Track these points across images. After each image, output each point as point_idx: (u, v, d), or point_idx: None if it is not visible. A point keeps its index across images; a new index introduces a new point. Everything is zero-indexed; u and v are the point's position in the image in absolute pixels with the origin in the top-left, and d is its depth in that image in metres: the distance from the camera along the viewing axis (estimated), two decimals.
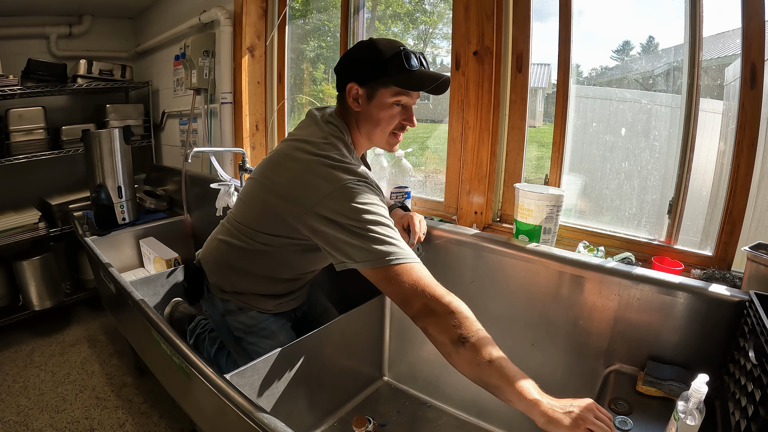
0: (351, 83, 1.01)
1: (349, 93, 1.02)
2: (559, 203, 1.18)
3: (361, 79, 1.00)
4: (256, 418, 0.79)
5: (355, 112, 1.05)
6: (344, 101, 1.05)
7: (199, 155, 2.29)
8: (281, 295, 1.26)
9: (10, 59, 2.26)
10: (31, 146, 2.24)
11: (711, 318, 0.92)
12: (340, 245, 0.93)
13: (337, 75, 1.07)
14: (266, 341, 1.22)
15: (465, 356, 0.82)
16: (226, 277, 1.21)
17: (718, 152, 1.13)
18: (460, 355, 0.83)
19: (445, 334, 0.84)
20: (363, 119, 1.05)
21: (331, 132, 1.04)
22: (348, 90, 1.02)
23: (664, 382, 0.92)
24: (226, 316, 1.23)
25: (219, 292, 1.22)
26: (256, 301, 1.23)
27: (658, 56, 1.25)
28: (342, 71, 1.05)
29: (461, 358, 0.83)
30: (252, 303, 1.23)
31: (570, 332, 1.11)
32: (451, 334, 0.83)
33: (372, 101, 1.02)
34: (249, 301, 1.22)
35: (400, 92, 1.00)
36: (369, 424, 1.23)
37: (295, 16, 2.18)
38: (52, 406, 1.72)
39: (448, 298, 0.87)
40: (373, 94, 1.01)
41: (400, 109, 1.04)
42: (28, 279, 2.15)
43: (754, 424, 0.67)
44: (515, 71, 1.39)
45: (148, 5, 2.67)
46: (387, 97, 1.01)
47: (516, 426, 1.22)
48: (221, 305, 1.23)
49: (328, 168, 0.95)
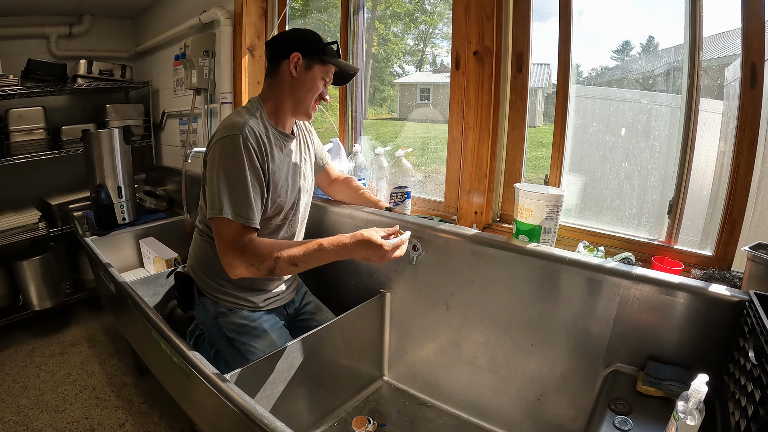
0: (296, 53, 1.16)
1: (292, 60, 1.16)
2: (559, 203, 1.18)
3: (304, 52, 1.16)
4: (256, 418, 0.79)
5: (289, 79, 1.18)
6: (278, 69, 1.19)
7: (199, 155, 2.29)
8: (266, 288, 1.29)
9: (10, 59, 2.26)
10: (31, 146, 2.24)
11: (711, 318, 0.92)
12: (208, 191, 1.09)
13: (275, 46, 1.19)
14: (258, 341, 1.23)
15: (283, 273, 1.07)
16: (210, 278, 1.25)
17: (718, 152, 1.13)
18: (279, 274, 1.07)
19: (256, 275, 1.06)
20: (297, 85, 1.19)
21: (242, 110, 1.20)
22: (291, 57, 1.16)
23: (664, 382, 0.92)
24: (218, 319, 1.25)
25: (210, 294, 1.26)
26: (244, 298, 1.26)
27: (658, 56, 1.25)
28: (285, 43, 1.18)
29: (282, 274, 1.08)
30: (240, 302, 1.26)
31: (570, 332, 1.11)
32: (261, 274, 1.05)
33: (308, 72, 1.18)
34: (237, 301, 1.25)
35: (329, 71, 1.22)
36: (369, 424, 1.23)
37: (295, 16, 2.18)
38: (52, 406, 1.72)
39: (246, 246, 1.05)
40: (311, 66, 1.18)
41: (323, 84, 1.22)
42: (28, 279, 2.15)
43: (754, 424, 0.67)
44: (515, 71, 1.39)
45: (148, 5, 2.67)
46: (320, 72, 1.19)
47: (516, 426, 1.22)
48: (213, 308, 1.26)
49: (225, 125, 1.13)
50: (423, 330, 1.39)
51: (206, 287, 1.26)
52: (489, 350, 1.26)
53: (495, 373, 1.25)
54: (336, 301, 1.54)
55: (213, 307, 1.26)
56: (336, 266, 1.59)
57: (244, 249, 1.04)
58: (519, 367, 1.21)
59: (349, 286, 1.56)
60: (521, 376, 1.20)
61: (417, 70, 2.04)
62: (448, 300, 1.32)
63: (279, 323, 1.31)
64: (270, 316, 1.30)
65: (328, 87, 1.25)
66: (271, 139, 1.17)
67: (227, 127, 1.10)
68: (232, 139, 1.07)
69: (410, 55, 2.07)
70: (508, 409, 1.23)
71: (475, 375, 1.29)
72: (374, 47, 2.03)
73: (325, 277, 1.63)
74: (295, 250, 1.05)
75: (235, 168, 1.06)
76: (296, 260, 1.05)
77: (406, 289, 1.41)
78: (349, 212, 1.52)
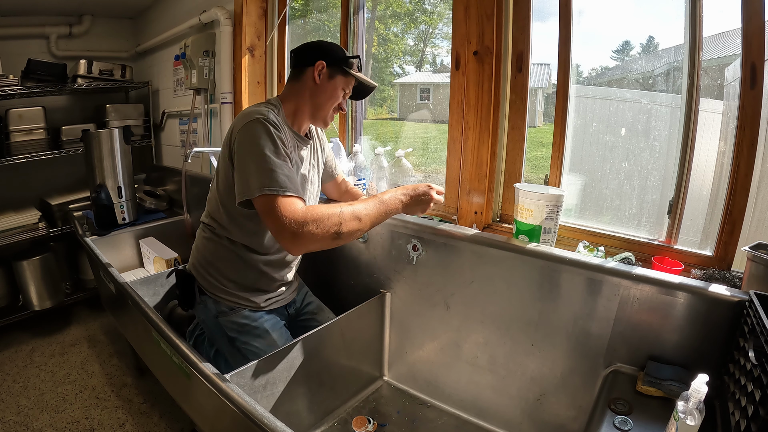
0: (321, 61, 1.20)
1: (317, 68, 1.20)
2: (559, 203, 1.18)
3: (329, 62, 1.21)
4: (256, 418, 0.79)
5: (311, 86, 1.22)
6: (301, 75, 1.22)
7: (199, 155, 2.29)
8: (268, 289, 1.29)
9: (10, 59, 2.26)
10: (31, 146, 2.24)
11: (711, 318, 0.92)
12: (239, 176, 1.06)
13: (301, 53, 1.23)
14: (259, 340, 1.23)
15: (348, 238, 1.03)
16: (212, 276, 1.25)
17: (718, 152, 1.13)
18: (345, 240, 1.03)
19: (323, 241, 1.00)
20: (319, 91, 1.22)
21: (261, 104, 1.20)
22: (316, 65, 1.20)
23: (664, 382, 0.92)
24: (219, 318, 1.25)
25: (211, 294, 1.26)
26: (246, 298, 1.26)
27: (658, 56, 1.25)
28: (311, 51, 1.22)
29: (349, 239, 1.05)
30: (242, 301, 1.26)
31: (570, 332, 1.11)
32: (327, 240, 1.00)
33: (330, 81, 1.22)
34: (239, 301, 1.25)
35: (350, 84, 1.26)
36: (369, 424, 1.23)
37: (295, 16, 2.18)
38: (52, 406, 1.72)
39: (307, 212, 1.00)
40: (334, 76, 1.22)
41: (342, 95, 1.26)
42: (28, 279, 2.15)
43: (754, 424, 0.67)
44: (515, 71, 1.39)
45: (148, 5, 2.67)
46: (341, 83, 1.24)
47: (516, 426, 1.22)
48: (214, 307, 1.26)
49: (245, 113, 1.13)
50: (423, 330, 1.39)
51: (208, 286, 1.26)
52: (489, 350, 1.26)
53: (495, 373, 1.25)
54: (336, 301, 1.54)
55: (214, 306, 1.26)
56: (336, 266, 1.59)
57: (306, 214, 0.99)
58: (519, 367, 1.21)
59: (349, 286, 1.56)
60: (521, 376, 1.20)
61: (417, 70, 2.04)
62: (448, 300, 1.32)
63: (280, 323, 1.31)
64: (271, 316, 1.30)
65: (346, 99, 1.28)
66: (287, 138, 1.18)
67: (250, 113, 1.09)
68: (260, 121, 1.07)
69: (410, 55, 2.07)
70: (508, 409, 1.23)
71: (475, 375, 1.29)
72: (374, 47, 2.03)
73: (325, 277, 1.63)
74: (357, 208, 1.04)
75: (269, 146, 1.05)
76: (359, 214, 1.03)
77: (406, 289, 1.41)
78: None
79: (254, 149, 1.04)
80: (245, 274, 1.25)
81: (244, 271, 1.25)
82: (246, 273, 1.26)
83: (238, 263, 1.24)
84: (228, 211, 1.20)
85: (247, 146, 1.05)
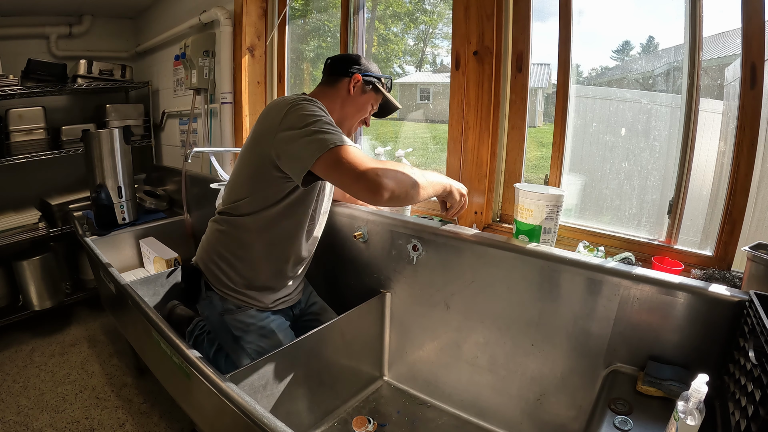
0: (358, 74, 1.26)
1: (353, 79, 1.26)
2: (559, 203, 1.18)
3: (365, 76, 1.27)
4: (256, 418, 0.79)
5: (344, 95, 1.27)
6: (336, 83, 1.27)
7: (199, 155, 2.29)
8: (276, 287, 1.28)
9: (10, 59, 2.26)
10: (31, 146, 2.24)
11: (711, 318, 0.92)
12: (296, 151, 1.02)
13: (339, 63, 1.27)
14: (265, 340, 1.22)
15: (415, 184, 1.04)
16: (222, 272, 1.24)
17: (718, 152, 1.13)
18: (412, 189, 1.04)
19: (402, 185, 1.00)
20: (349, 103, 1.27)
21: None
22: (353, 77, 1.25)
23: (664, 382, 0.92)
24: (224, 315, 1.24)
25: (218, 290, 1.24)
26: (254, 297, 1.25)
27: (658, 56, 1.25)
28: (351, 64, 1.27)
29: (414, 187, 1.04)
30: (250, 301, 1.25)
31: (570, 332, 1.11)
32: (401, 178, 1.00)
33: (362, 95, 1.29)
34: (247, 300, 1.24)
35: (378, 101, 1.33)
36: (369, 424, 1.23)
37: (295, 16, 2.18)
38: (52, 406, 1.72)
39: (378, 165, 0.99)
40: (366, 90, 1.29)
41: (369, 110, 1.33)
42: (28, 279, 2.15)
43: (754, 424, 0.67)
44: (515, 71, 1.39)
45: (148, 5, 2.67)
46: (371, 98, 1.31)
47: (516, 426, 1.22)
48: (220, 304, 1.24)
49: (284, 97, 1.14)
50: (423, 330, 1.39)
51: (216, 282, 1.24)
52: (489, 350, 1.26)
53: (495, 373, 1.25)
54: (336, 301, 1.54)
55: (220, 303, 1.24)
56: (336, 266, 1.59)
57: (377, 159, 1.05)
58: (519, 367, 1.21)
59: (349, 286, 1.56)
60: (521, 376, 1.20)
61: (417, 70, 2.04)
62: (448, 300, 1.32)
63: (285, 324, 1.31)
64: (277, 316, 1.30)
65: (371, 114, 1.35)
66: None
67: (292, 96, 1.12)
68: (305, 98, 1.09)
69: (410, 55, 2.07)
70: (508, 409, 1.23)
71: (475, 375, 1.29)
72: (374, 47, 2.03)
73: (325, 277, 1.63)
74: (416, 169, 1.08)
75: (317, 111, 1.06)
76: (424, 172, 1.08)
77: (406, 289, 1.41)
78: (349, 212, 1.52)
79: (309, 119, 1.02)
80: (261, 267, 1.23)
81: (259, 265, 1.23)
82: (261, 267, 1.23)
83: (256, 256, 1.22)
84: (254, 199, 1.17)
85: (301, 113, 1.04)
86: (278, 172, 1.10)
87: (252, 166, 1.16)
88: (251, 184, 1.17)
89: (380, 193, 0.95)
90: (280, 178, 1.12)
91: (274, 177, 1.12)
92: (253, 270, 1.24)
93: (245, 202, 1.18)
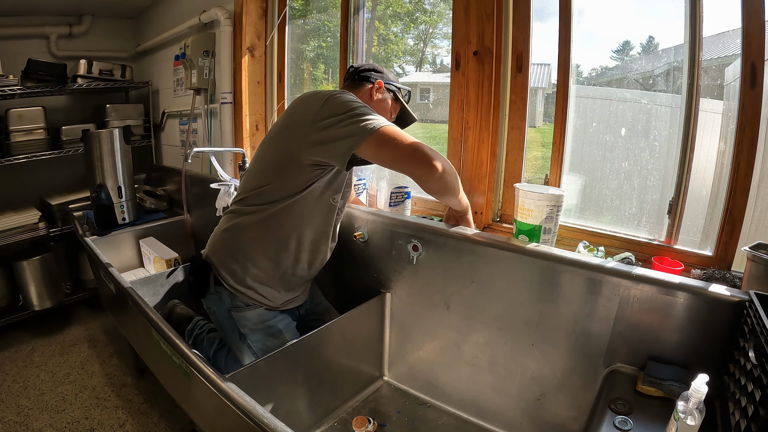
0: (380, 81, 1.30)
1: (376, 85, 1.30)
2: (559, 203, 1.18)
3: (387, 84, 1.31)
4: (256, 418, 0.79)
5: (366, 99, 1.28)
6: (360, 87, 1.30)
7: (199, 155, 2.29)
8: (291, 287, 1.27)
9: (10, 59, 2.26)
10: (31, 146, 2.24)
11: (711, 318, 0.92)
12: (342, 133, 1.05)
13: (364, 72, 1.31)
14: (272, 340, 1.22)
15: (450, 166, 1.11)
16: (238, 265, 1.20)
17: (718, 152, 1.13)
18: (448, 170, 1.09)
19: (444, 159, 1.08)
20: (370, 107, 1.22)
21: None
22: (377, 83, 1.30)
23: (664, 382, 0.92)
24: (232, 312, 1.23)
25: (228, 286, 1.21)
26: (265, 297, 1.24)
27: (658, 56, 1.25)
28: (375, 72, 1.32)
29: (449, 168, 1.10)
30: (261, 300, 1.24)
31: (570, 332, 1.11)
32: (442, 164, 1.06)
33: (383, 102, 1.32)
34: (258, 298, 1.23)
35: (396, 110, 1.36)
36: (369, 424, 1.23)
37: (295, 16, 2.18)
38: (52, 406, 1.72)
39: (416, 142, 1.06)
40: (386, 99, 1.33)
41: (388, 117, 1.34)
42: (28, 279, 2.15)
43: (754, 424, 0.67)
44: (515, 71, 1.39)
45: (148, 5, 2.67)
46: (390, 107, 1.34)
47: (516, 426, 1.22)
48: (229, 300, 1.23)
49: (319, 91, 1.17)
50: (423, 330, 1.39)
51: (228, 277, 1.20)
52: (489, 350, 1.26)
53: (495, 373, 1.25)
54: (336, 301, 1.54)
55: (229, 299, 1.22)
56: (336, 266, 1.59)
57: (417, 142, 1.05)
58: (519, 367, 1.21)
59: (349, 286, 1.56)
60: (521, 376, 1.20)
61: (417, 70, 2.04)
62: (448, 300, 1.32)
63: (292, 324, 1.31)
64: (284, 316, 1.29)
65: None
66: None
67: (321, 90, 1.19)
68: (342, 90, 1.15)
69: (410, 55, 2.07)
70: (508, 409, 1.23)
71: (475, 375, 1.29)
72: (374, 47, 2.03)
73: (325, 277, 1.63)
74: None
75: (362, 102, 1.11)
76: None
77: (406, 289, 1.41)
78: (349, 212, 1.52)
79: (353, 104, 1.07)
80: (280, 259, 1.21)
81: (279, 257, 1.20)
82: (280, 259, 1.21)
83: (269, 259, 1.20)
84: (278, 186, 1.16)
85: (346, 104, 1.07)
86: (309, 159, 1.10)
87: (279, 152, 1.15)
88: (275, 171, 1.15)
89: (434, 167, 1.03)
90: (308, 166, 1.12)
91: (302, 165, 1.12)
92: (266, 267, 1.21)
93: (269, 188, 1.16)
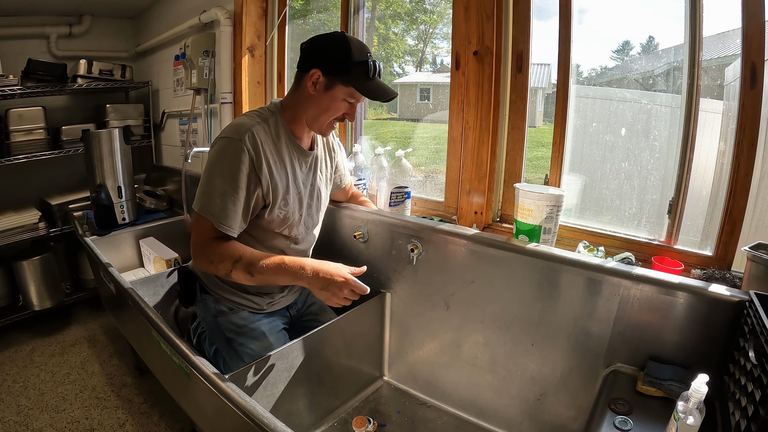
0: (315, 69, 1.07)
1: (311, 77, 1.08)
2: (559, 203, 1.18)
3: (325, 70, 1.07)
4: (256, 418, 0.79)
5: (308, 95, 1.11)
6: (300, 82, 1.12)
7: (199, 155, 2.29)
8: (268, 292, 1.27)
9: (10, 59, 2.26)
10: (31, 146, 2.24)
11: (711, 318, 0.92)
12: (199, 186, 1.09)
13: (301, 56, 1.12)
14: (255, 343, 1.22)
15: (239, 280, 1.08)
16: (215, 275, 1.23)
17: (718, 152, 1.13)
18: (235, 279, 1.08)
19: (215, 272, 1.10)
20: (314, 103, 1.11)
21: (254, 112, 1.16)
22: (311, 74, 1.08)
23: (664, 382, 0.92)
24: (218, 317, 1.25)
25: (213, 292, 1.25)
26: (247, 299, 1.25)
27: (658, 56, 1.25)
28: (310, 55, 1.10)
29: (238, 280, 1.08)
30: (243, 302, 1.25)
31: (570, 332, 1.11)
32: (218, 273, 1.09)
33: (328, 92, 1.09)
34: (240, 300, 1.25)
35: (355, 94, 1.10)
36: (369, 424, 1.23)
37: (295, 16, 2.18)
38: (52, 406, 1.72)
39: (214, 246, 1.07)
40: (332, 86, 1.08)
41: (347, 105, 1.12)
42: (28, 279, 2.15)
43: (754, 424, 0.67)
44: (515, 71, 1.39)
45: (148, 5, 2.67)
46: (342, 93, 1.09)
47: (516, 426, 1.22)
48: (213, 306, 1.26)
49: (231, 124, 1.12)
50: (423, 330, 1.39)
51: (210, 284, 1.26)
52: (489, 350, 1.26)
53: (495, 373, 1.25)
54: None
55: (214, 305, 1.25)
56: None
57: (208, 246, 1.06)
58: (519, 367, 1.21)
59: None
60: (521, 376, 1.20)
61: (417, 70, 2.04)
62: (448, 300, 1.32)
63: (279, 326, 1.30)
64: (270, 318, 1.29)
65: (356, 107, 1.14)
66: (280, 149, 1.14)
67: (230, 128, 1.09)
68: (230, 141, 1.05)
69: (410, 55, 2.07)
70: (508, 409, 1.23)
71: (475, 375, 1.29)
72: (374, 47, 2.03)
73: None
74: (256, 260, 1.05)
75: (221, 170, 1.06)
76: (253, 271, 1.04)
77: (406, 289, 1.41)
78: (349, 212, 1.52)
79: (210, 167, 1.07)
80: None
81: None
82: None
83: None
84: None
85: (209, 162, 1.08)
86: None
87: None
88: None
89: (212, 269, 1.09)
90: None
91: None
92: None
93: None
